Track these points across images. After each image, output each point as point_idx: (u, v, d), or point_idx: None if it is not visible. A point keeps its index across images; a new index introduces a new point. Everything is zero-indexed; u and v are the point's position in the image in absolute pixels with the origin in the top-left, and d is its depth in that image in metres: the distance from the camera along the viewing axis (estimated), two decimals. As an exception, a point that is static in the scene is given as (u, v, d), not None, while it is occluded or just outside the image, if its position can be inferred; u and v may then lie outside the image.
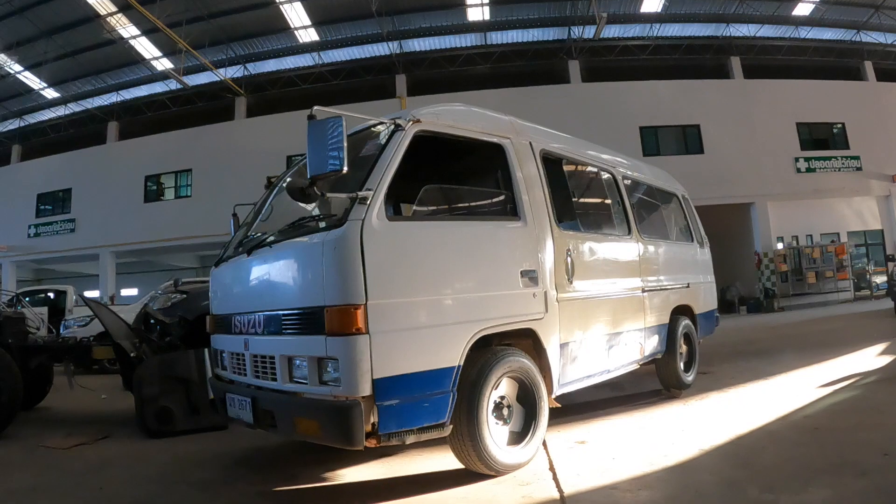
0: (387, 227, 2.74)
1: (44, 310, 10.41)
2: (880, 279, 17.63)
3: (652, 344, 4.73)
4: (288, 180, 3.41)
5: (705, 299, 6.01)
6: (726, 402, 4.64)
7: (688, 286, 5.50)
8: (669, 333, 5.00)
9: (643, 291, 4.63)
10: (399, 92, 19.77)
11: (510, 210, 3.42)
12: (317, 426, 2.65)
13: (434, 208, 3.28)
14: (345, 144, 2.52)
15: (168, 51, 18.44)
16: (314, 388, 2.66)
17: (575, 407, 4.53)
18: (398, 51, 19.85)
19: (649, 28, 19.73)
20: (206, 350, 4.11)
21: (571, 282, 3.67)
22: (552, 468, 3.16)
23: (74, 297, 12.51)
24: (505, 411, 3.16)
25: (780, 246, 18.17)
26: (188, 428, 4.62)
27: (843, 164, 18.94)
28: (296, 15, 17.58)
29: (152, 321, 6.08)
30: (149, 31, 17.34)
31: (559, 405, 3.62)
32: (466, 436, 2.90)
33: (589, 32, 18.64)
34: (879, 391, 4.67)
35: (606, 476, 2.96)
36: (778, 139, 18.68)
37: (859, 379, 5.14)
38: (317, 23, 18.28)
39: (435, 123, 3.15)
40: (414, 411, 2.70)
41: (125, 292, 23.39)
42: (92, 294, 18.32)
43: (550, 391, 3.44)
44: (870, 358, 6.23)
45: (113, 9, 16.35)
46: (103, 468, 3.71)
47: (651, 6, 18.31)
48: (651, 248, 4.92)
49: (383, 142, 2.99)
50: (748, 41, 20.24)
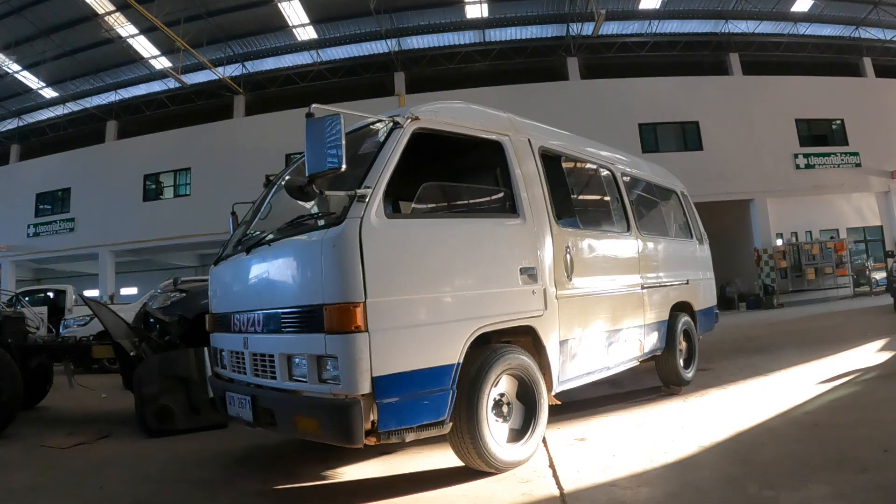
0: (385, 225, 2.73)
1: (43, 309, 10.41)
2: (879, 275, 17.65)
3: (651, 341, 4.73)
4: (287, 178, 3.40)
5: (705, 296, 6.01)
6: (726, 399, 4.64)
7: (687, 283, 5.50)
8: (669, 330, 5.00)
9: (642, 288, 4.62)
10: (398, 90, 19.78)
11: (509, 207, 3.42)
12: (316, 424, 2.65)
13: (433, 206, 3.27)
14: (343, 142, 2.51)
15: (166, 49, 18.42)
16: (314, 387, 2.66)
17: (575, 404, 4.53)
18: (397, 48, 19.84)
19: (648, 25, 19.71)
20: (206, 349, 4.10)
21: (571, 279, 3.67)
22: (552, 465, 3.16)
23: (74, 297, 12.52)
24: (504, 409, 3.15)
25: (780, 242, 18.20)
26: (188, 427, 4.62)
27: (843, 161, 18.96)
28: (294, 13, 17.56)
29: (152, 320, 6.08)
30: (147, 30, 17.32)
31: (559, 402, 3.61)
32: (466, 433, 2.90)
33: (588, 29, 18.63)
34: (879, 388, 4.67)
35: (606, 473, 2.96)
36: (777, 136, 18.70)
37: (859, 375, 5.13)
38: (315, 21, 18.26)
39: (433, 121, 3.15)
40: (413, 409, 2.69)
41: (125, 291, 23.43)
42: (91, 293, 18.34)
43: (550, 388, 3.44)
44: (869, 354, 6.23)
45: (111, 8, 16.33)
46: (103, 467, 3.71)
47: (650, 3, 18.30)
48: (650, 245, 4.91)
49: (382, 139, 2.98)
50: (747, 37, 20.22)
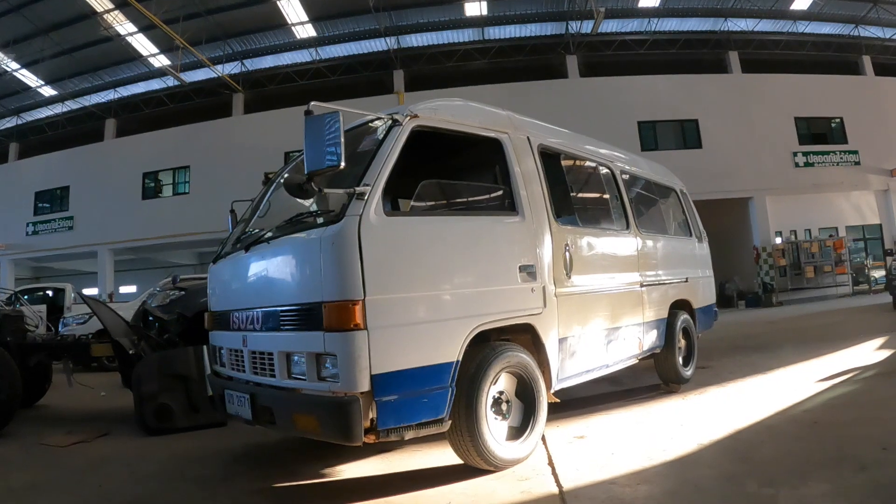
0: (384, 223, 2.73)
1: (42, 308, 10.37)
2: (878, 273, 17.69)
3: (650, 338, 4.73)
4: (286, 176, 3.40)
5: (704, 294, 6.01)
6: (725, 397, 4.64)
7: (686, 281, 5.50)
8: (668, 328, 5.00)
9: (641, 286, 4.62)
10: (397, 87, 19.75)
11: (508, 205, 3.41)
12: (315, 422, 2.65)
13: (432, 203, 3.27)
14: (342, 140, 2.51)
15: (165, 47, 18.37)
16: (313, 385, 2.66)
17: (574, 402, 4.53)
18: (396, 46, 19.81)
19: (647, 23, 19.68)
20: (205, 347, 4.10)
21: (570, 277, 3.67)
22: (551, 463, 3.16)
23: (73, 295, 12.51)
24: (504, 406, 3.16)
25: (779, 240, 18.20)
26: (187, 425, 4.62)
27: (842, 159, 18.97)
28: (293, 11, 17.52)
29: (151, 318, 6.08)
30: (146, 28, 17.27)
31: (558, 400, 3.61)
32: (465, 431, 2.90)
33: (587, 27, 18.61)
34: (878, 386, 4.67)
35: (605, 471, 2.96)
36: (776, 134, 18.70)
37: (858, 373, 5.13)
38: (314, 18, 18.22)
39: (432, 118, 3.14)
40: (412, 407, 2.69)
41: (123, 289, 23.43)
42: (90, 291, 18.32)
43: (549, 386, 3.44)
44: (868, 352, 6.23)
45: (110, 6, 16.27)
46: (102, 465, 3.71)
47: (649, 1, 18.26)
48: (649, 243, 4.91)
49: (381, 137, 2.97)
50: (746, 36, 20.20)
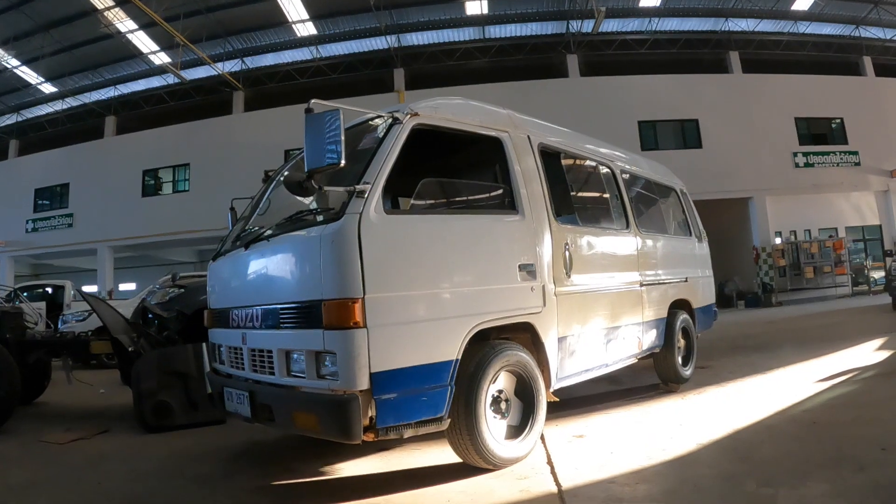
0: (384, 221, 2.73)
1: (42, 305, 10.38)
2: (878, 274, 17.68)
3: (650, 338, 4.73)
4: (286, 174, 3.39)
5: (703, 293, 6.01)
6: (724, 397, 4.64)
7: (686, 280, 5.50)
8: (667, 328, 5.00)
9: (641, 285, 4.62)
10: (397, 86, 19.73)
11: (508, 204, 3.41)
12: (315, 420, 2.65)
13: (432, 202, 3.27)
14: (342, 138, 2.50)
15: (165, 45, 18.36)
16: (312, 382, 2.66)
17: (573, 401, 4.53)
18: (396, 45, 19.79)
19: (648, 22, 19.67)
20: (204, 344, 4.10)
21: (569, 276, 3.67)
22: (550, 462, 3.16)
23: (72, 292, 12.49)
24: (503, 405, 3.16)
25: (779, 241, 18.21)
26: (186, 422, 4.61)
27: (842, 160, 18.97)
28: (294, 9, 17.50)
29: (150, 316, 6.07)
30: (146, 26, 17.25)
31: (557, 399, 3.62)
32: (464, 430, 2.90)
33: (587, 27, 18.60)
34: (877, 386, 4.68)
35: (604, 470, 2.96)
36: (776, 134, 18.69)
37: (857, 374, 5.14)
38: (315, 17, 18.21)
39: (433, 117, 3.14)
40: (412, 405, 2.69)
41: (123, 287, 23.43)
42: (90, 289, 18.31)
43: (548, 385, 3.44)
44: (868, 353, 6.23)
45: (110, 3, 16.26)
46: (101, 463, 3.71)
47: (650, 0, 18.24)
48: (649, 243, 4.91)
49: (381, 135, 2.97)
50: (747, 36, 20.19)
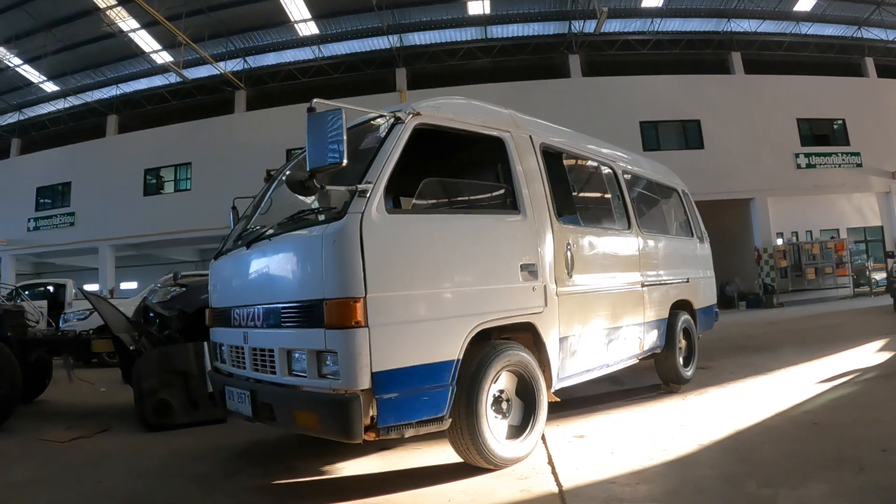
0: (386, 220, 2.73)
1: (43, 303, 10.39)
2: (879, 276, 17.65)
3: (651, 338, 4.73)
4: (288, 173, 3.39)
5: (705, 294, 6.01)
6: (725, 398, 4.64)
7: (687, 281, 5.50)
8: (669, 328, 5.00)
9: (643, 286, 4.62)
10: (399, 86, 19.72)
11: (510, 204, 3.41)
12: (316, 419, 2.65)
13: (434, 201, 3.27)
14: (344, 137, 2.50)
15: (167, 44, 18.38)
16: (313, 382, 2.66)
17: (574, 401, 4.53)
18: (398, 44, 19.79)
19: (650, 23, 19.65)
20: (206, 343, 4.10)
21: (571, 276, 3.67)
22: (551, 462, 3.16)
23: (74, 291, 12.49)
24: (504, 405, 3.16)
25: (780, 242, 18.19)
26: (187, 421, 4.62)
27: (844, 161, 18.94)
28: (296, 8, 17.51)
29: (151, 314, 6.07)
30: (148, 25, 17.26)
31: (558, 399, 3.62)
32: (465, 429, 2.90)
33: (590, 27, 18.59)
34: (878, 387, 4.68)
35: (605, 470, 2.96)
36: (778, 135, 18.67)
37: (858, 375, 5.13)
38: (317, 16, 18.21)
39: (435, 116, 3.14)
40: (413, 405, 2.69)
41: (124, 286, 23.45)
42: (91, 287, 18.33)
43: (549, 385, 3.44)
44: (869, 354, 6.23)
45: (112, 2, 16.28)
46: (102, 461, 3.72)
47: (652, 1, 18.23)
48: (651, 243, 4.91)
49: (383, 135, 2.97)
50: (749, 37, 20.17)
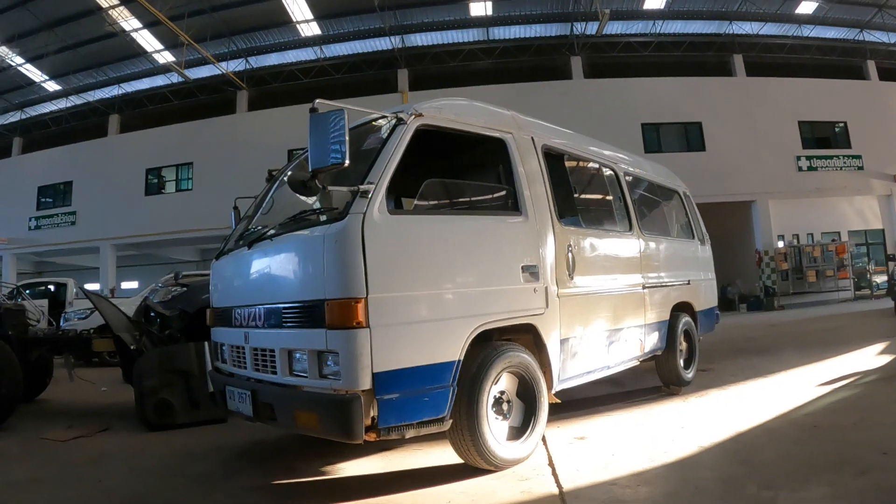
0: (388, 221, 2.73)
1: (44, 302, 10.38)
2: (881, 279, 17.62)
3: (652, 340, 4.73)
4: (290, 173, 3.40)
5: (706, 296, 6.00)
6: (726, 400, 4.64)
7: (688, 283, 5.49)
8: (670, 330, 5.00)
9: (644, 288, 4.62)
10: (401, 86, 19.74)
11: (511, 205, 3.41)
12: (316, 419, 2.65)
13: (435, 202, 3.27)
14: (346, 138, 2.51)
15: (170, 44, 18.40)
16: (314, 382, 2.66)
17: (574, 403, 4.53)
18: (400, 45, 19.80)
19: (652, 25, 19.66)
20: (206, 343, 4.11)
21: (572, 277, 3.67)
22: (551, 463, 3.16)
23: (75, 290, 12.50)
24: (505, 406, 3.16)
25: (781, 244, 18.17)
26: (188, 421, 4.62)
27: (845, 163, 18.92)
28: (298, 9, 17.54)
29: (152, 314, 6.07)
30: (150, 24, 17.29)
31: (559, 401, 3.61)
32: (466, 430, 2.90)
33: (591, 29, 18.61)
34: (879, 390, 4.67)
35: (606, 472, 2.96)
36: (780, 137, 18.65)
37: (859, 378, 5.13)
38: (319, 17, 18.24)
39: (437, 117, 3.14)
40: (414, 405, 2.69)
41: (125, 285, 23.46)
42: (92, 287, 18.34)
43: (550, 387, 3.44)
44: (869, 357, 6.23)
45: (115, 1, 16.31)
46: (102, 461, 3.72)
47: (654, 3, 18.25)
48: (652, 245, 4.91)
49: (385, 135, 2.98)
50: (751, 39, 20.16)
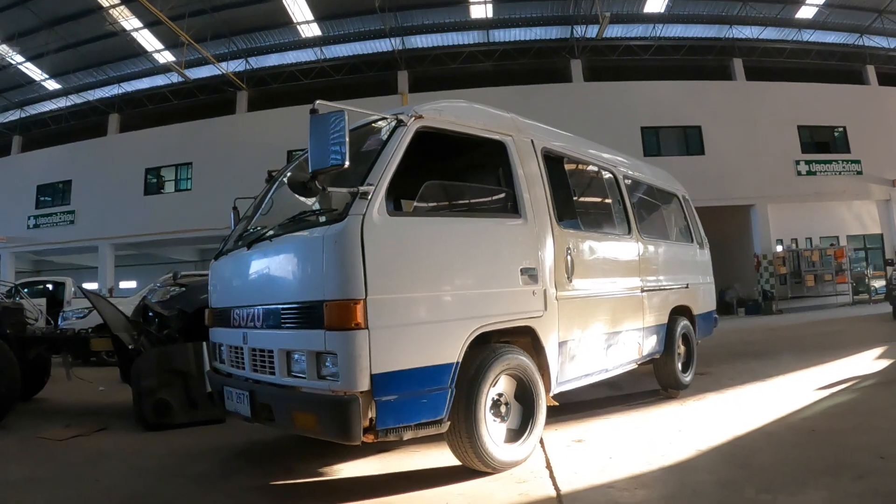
0: (387, 223, 2.73)
1: (42, 301, 10.39)
2: (879, 283, 17.65)
3: (650, 344, 4.73)
4: (289, 174, 3.40)
5: (704, 300, 6.01)
6: (724, 403, 4.64)
7: (687, 287, 5.50)
8: (668, 334, 5.00)
9: (642, 291, 4.62)
10: (401, 88, 19.74)
11: (511, 207, 3.42)
12: (314, 420, 2.65)
13: (435, 204, 3.27)
14: (346, 139, 2.51)
15: (170, 44, 18.39)
16: (312, 383, 2.66)
17: (572, 406, 4.53)
18: (400, 47, 19.81)
19: (652, 28, 19.68)
20: (205, 343, 4.11)
21: (571, 280, 3.67)
22: (549, 466, 3.16)
23: (73, 289, 12.49)
24: (503, 409, 3.16)
25: (780, 248, 18.18)
26: (185, 421, 4.61)
27: (844, 168, 18.95)
28: (298, 10, 17.54)
29: (151, 314, 6.07)
30: (151, 24, 17.27)
31: (557, 403, 3.61)
32: (464, 433, 2.90)
33: (592, 32, 18.62)
34: (877, 394, 4.68)
35: (604, 475, 2.96)
36: (779, 141, 18.67)
37: (857, 382, 5.14)
38: (319, 18, 18.24)
39: (437, 119, 3.15)
40: (412, 407, 2.69)
41: (124, 285, 23.43)
42: (90, 286, 18.31)
43: (548, 389, 3.44)
44: (867, 361, 6.24)
45: (115, 1, 16.30)
46: (100, 460, 3.72)
47: (654, 6, 18.26)
48: (651, 248, 4.92)
49: (385, 137, 2.98)
50: (751, 43, 20.19)
